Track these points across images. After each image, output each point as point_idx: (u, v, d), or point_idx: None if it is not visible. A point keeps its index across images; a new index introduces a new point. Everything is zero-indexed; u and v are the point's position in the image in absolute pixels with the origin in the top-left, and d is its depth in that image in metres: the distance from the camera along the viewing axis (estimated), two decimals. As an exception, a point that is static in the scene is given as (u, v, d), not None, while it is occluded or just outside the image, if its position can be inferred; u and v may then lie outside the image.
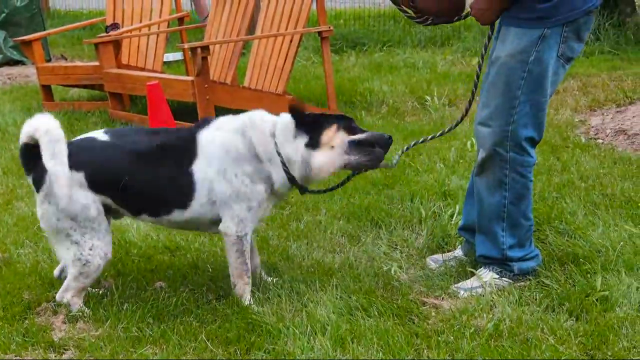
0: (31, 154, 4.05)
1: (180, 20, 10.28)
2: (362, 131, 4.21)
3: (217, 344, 3.83)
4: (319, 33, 8.54)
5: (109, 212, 4.23)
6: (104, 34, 9.26)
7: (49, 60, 12.06)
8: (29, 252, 5.01)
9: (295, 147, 4.14)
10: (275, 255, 4.84)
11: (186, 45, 7.89)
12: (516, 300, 4.11)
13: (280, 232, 5.22)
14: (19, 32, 11.90)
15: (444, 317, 4.02)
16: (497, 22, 4.28)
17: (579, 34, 4.14)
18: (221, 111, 7.75)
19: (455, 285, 4.38)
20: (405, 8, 4.47)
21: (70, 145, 4.09)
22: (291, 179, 4.19)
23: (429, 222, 5.18)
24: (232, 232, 4.19)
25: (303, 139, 4.14)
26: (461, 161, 6.42)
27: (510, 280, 4.35)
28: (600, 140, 7.17)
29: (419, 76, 10.23)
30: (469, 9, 4.28)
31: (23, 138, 4.05)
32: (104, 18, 10.60)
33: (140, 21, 10.07)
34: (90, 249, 4.11)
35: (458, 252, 4.77)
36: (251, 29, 9.31)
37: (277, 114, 4.36)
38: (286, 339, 3.81)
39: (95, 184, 4.09)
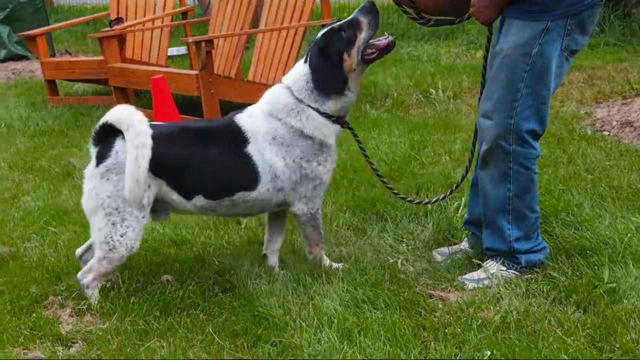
0: (108, 131, 4.19)
1: (184, 14, 10.28)
2: (351, 26, 4.33)
3: (224, 336, 3.84)
4: (323, 26, 8.52)
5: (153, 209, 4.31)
6: (108, 29, 9.25)
7: (53, 55, 12.05)
8: (35, 246, 5.02)
9: (334, 100, 4.35)
10: (281, 248, 4.82)
11: (190, 39, 7.87)
12: (523, 293, 4.10)
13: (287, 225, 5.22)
14: (23, 27, 11.89)
15: (451, 309, 4.01)
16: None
17: (584, 27, 4.12)
18: (226, 105, 7.77)
19: (462, 277, 4.38)
20: (406, 8, 4.47)
21: None
22: (342, 122, 4.45)
23: (435, 215, 5.17)
24: (304, 212, 4.44)
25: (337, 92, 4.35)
26: (466, 154, 6.37)
27: (517, 273, 4.35)
28: (606, 132, 7.16)
29: (423, 69, 10.22)
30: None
31: (107, 120, 4.17)
32: (108, 12, 10.59)
33: (144, 15, 10.06)
34: (121, 236, 4.14)
35: (464, 244, 4.76)
36: (255, 23, 9.29)
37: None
38: (293, 332, 3.81)
39: (156, 164, 4.11)
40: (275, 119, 4.32)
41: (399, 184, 5.80)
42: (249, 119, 4.35)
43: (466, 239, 4.81)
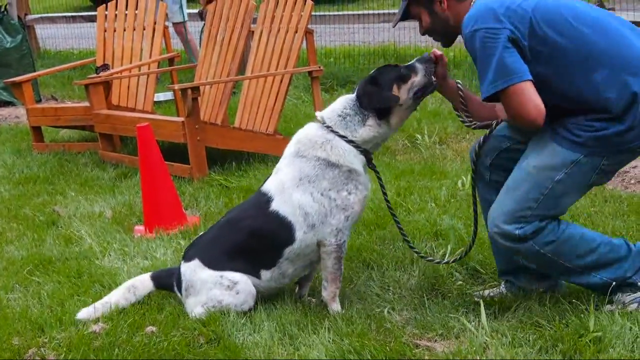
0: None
1: (171, 61, 10.30)
2: (407, 68, 4.49)
3: (209, 389, 3.80)
4: (309, 73, 8.58)
5: None
6: (94, 75, 9.27)
7: (39, 101, 12.05)
8: (18, 297, 4.98)
9: (368, 128, 4.47)
10: (267, 297, 4.80)
11: (176, 87, 7.90)
12: (509, 342, 4.07)
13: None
14: (8, 73, 11.86)
15: (437, 359, 3.99)
16: None
17: (617, 166, 4.18)
18: (212, 151, 7.77)
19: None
20: (461, 114, 4.59)
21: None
22: (368, 156, 4.58)
23: (421, 263, 5.15)
24: (331, 243, 4.49)
25: (373, 118, 4.46)
26: (452, 200, 6.41)
27: None
28: (591, 178, 7.17)
29: (409, 114, 10.23)
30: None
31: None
32: (94, 59, 10.62)
33: (131, 62, 10.09)
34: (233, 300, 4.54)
35: (502, 288, 4.75)
36: (241, 69, 9.33)
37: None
38: (279, 384, 3.78)
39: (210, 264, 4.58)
40: (301, 157, 4.49)
41: (384, 232, 5.79)
42: (273, 177, 4.62)
43: (503, 283, 4.80)
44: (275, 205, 4.49)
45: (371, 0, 17.47)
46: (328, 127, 4.49)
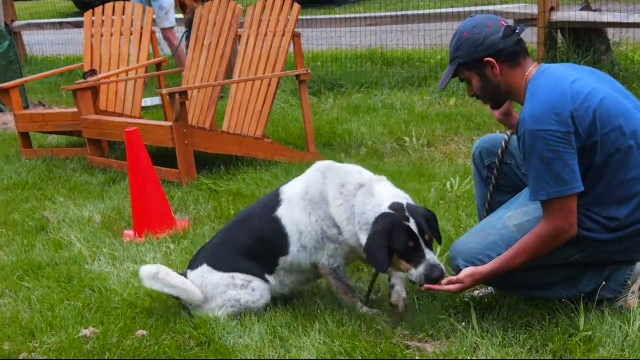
0: None
1: (158, 66, 10.29)
2: (416, 253, 4.26)
3: (200, 392, 3.80)
4: (297, 76, 8.57)
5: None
6: (82, 81, 9.25)
7: (27, 107, 12.01)
8: (8, 302, 4.98)
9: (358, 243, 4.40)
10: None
11: (164, 91, 7.88)
12: (500, 342, 4.08)
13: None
14: (-4, 80, 11.86)
15: (428, 360, 4.01)
16: None
17: (590, 262, 4.18)
18: (201, 156, 7.76)
19: None
20: None
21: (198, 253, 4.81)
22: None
23: (411, 264, 5.15)
24: (325, 266, 4.53)
25: None
26: (442, 202, 6.40)
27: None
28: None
29: (397, 117, 10.20)
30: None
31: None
32: (82, 64, 10.61)
33: (118, 67, 10.09)
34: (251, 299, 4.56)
35: (492, 288, 4.70)
36: (229, 73, 9.33)
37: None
38: (270, 386, 3.79)
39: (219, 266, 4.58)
40: (322, 182, 4.47)
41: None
42: (294, 181, 4.66)
43: None
44: (280, 212, 4.52)
45: (358, 4, 17.50)
46: (350, 205, 4.38)
